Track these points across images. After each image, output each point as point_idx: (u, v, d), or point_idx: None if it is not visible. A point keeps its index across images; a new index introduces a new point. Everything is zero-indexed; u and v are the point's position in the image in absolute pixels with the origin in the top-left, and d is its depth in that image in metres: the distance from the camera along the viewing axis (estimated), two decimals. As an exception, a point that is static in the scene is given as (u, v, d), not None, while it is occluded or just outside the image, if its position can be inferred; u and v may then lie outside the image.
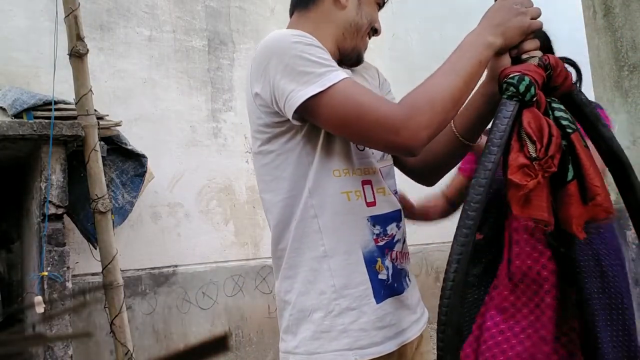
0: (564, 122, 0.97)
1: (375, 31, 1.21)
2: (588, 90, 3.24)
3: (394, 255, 1.11)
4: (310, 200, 1.05)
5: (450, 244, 0.86)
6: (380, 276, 1.07)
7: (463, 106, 1.10)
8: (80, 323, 3.72)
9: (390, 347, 1.06)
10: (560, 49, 1.72)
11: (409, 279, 1.16)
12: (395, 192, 1.19)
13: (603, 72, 3.20)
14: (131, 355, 3.17)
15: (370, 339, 1.04)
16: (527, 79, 0.94)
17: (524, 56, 1.01)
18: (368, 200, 1.08)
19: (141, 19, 4.50)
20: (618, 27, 3.16)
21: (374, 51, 5.74)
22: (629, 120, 2.94)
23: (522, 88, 0.94)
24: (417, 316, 1.15)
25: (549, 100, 0.99)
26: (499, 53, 1.01)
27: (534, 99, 0.95)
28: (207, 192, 4.57)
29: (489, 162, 0.89)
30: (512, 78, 0.95)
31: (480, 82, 1.06)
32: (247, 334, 4.52)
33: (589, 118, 1.02)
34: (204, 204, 4.55)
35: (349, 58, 1.18)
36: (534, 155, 0.91)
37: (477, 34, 1.00)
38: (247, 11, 5.03)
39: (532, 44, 1.01)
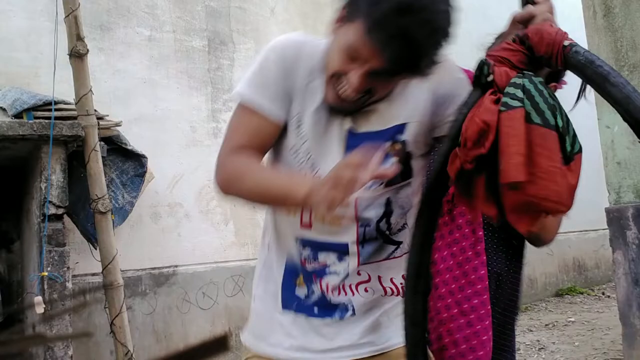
0: (503, 100, 0.84)
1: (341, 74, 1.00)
2: (588, 90, 3.24)
3: (324, 286, 1.09)
4: None
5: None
6: (297, 292, 1.12)
7: None
8: (80, 323, 3.71)
9: (274, 351, 1.13)
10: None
11: (352, 313, 1.10)
12: (368, 224, 1.09)
13: (603, 72, 3.20)
14: (131, 355, 3.17)
15: (262, 331, 1.16)
16: (482, 60, 0.86)
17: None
18: (303, 221, 1.10)
19: (141, 19, 4.50)
20: (618, 27, 3.17)
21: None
22: (629, 120, 2.94)
23: (477, 72, 0.86)
24: (338, 353, 1.11)
25: (519, 74, 0.86)
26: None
27: (489, 79, 0.85)
28: (207, 192, 4.57)
29: (435, 156, 0.88)
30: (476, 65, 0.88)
31: None
32: (247, 334, 4.51)
33: (595, 80, 0.84)
34: (204, 204, 4.55)
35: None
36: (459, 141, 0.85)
37: (304, 186, 0.94)
38: (247, 11, 5.03)
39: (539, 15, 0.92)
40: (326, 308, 1.10)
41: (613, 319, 4.09)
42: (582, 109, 1.00)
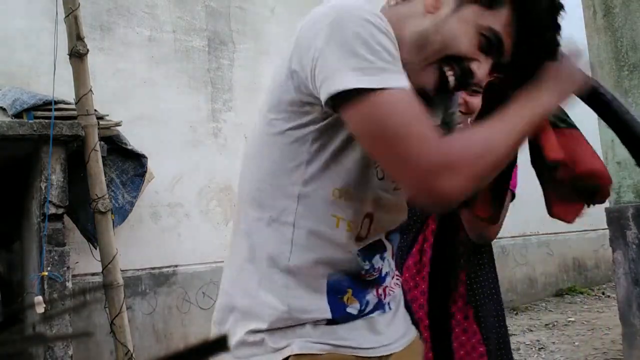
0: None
1: (465, 75, 0.87)
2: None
3: (380, 291, 0.98)
4: (294, 205, 0.90)
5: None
6: (348, 309, 0.92)
7: None
8: (80, 323, 3.72)
9: (337, 350, 0.91)
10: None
11: (390, 306, 1.01)
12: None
13: (603, 72, 3.20)
14: (131, 355, 3.17)
15: (319, 339, 0.91)
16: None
17: None
18: (361, 235, 0.92)
19: (141, 19, 4.50)
20: (618, 27, 3.16)
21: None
22: (629, 120, 2.94)
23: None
24: (386, 340, 0.98)
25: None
26: None
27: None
28: (207, 192, 4.57)
29: None
30: None
31: None
32: (247, 334, 4.52)
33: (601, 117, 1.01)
34: (204, 204, 4.55)
35: None
36: None
37: (543, 96, 0.87)
38: (247, 11, 5.03)
39: None
40: (377, 309, 0.98)
41: (613, 319, 4.09)
42: (583, 109, 1.01)
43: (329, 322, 0.90)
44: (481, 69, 0.86)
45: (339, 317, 0.91)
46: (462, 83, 0.88)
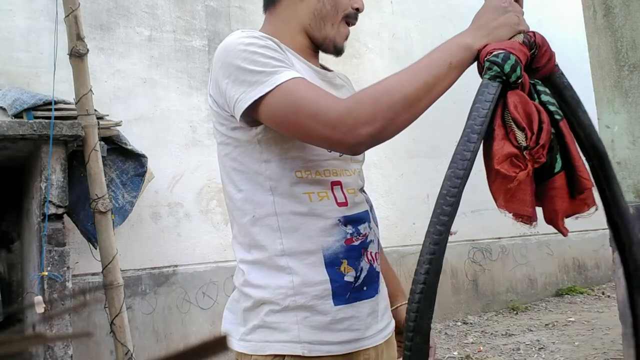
0: (552, 108, 0.89)
1: (357, 10, 1.15)
2: (588, 90, 3.24)
3: (370, 256, 1.08)
4: (271, 197, 1.04)
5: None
6: (346, 278, 1.04)
7: None
8: (80, 323, 3.72)
9: (342, 349, 1.03)
10: (561, 49, 1.71)
11: (381, 284, 1.13)
12: (362, 191, 1.16)
13: (603, 72, 3.20)
14: (131, 355, 3.17)
15: (321, 337, 1.02)
16: (512, 57, 0.86)
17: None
18: (339, 201, 1.06)
19: (141, 19, 4.50)
20: (618, 27, 3.17)
21: (374, 51, 5.73)
22: (629, 120, 2.94)
23: (507, 68, 0.85)
24: (383, 325, 1.11)
25: (532, 82, 0.90)
26: None
27: (519, 80, 0.86)
28: (207, 192, 4.57)
29: (468, 152, 0.80)
30: (497, 56, 0.86)
31: None
32: (247, 334, 4.52)
33: (570, 103, 0.93)
34: (204, 204, 4.55)
35: (325, 48, 1.17)
36: (523, 144, 0.83)
37: (456, 36, 0.95)
38: (247, 11, 5.04)
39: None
40: (372, 282, 1.08)
41: (613, 319, 4.09)
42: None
43: (332, 295, 1.03)
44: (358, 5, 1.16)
45: (339, 286, 1.03)
46: (354, 23, 1.18)
